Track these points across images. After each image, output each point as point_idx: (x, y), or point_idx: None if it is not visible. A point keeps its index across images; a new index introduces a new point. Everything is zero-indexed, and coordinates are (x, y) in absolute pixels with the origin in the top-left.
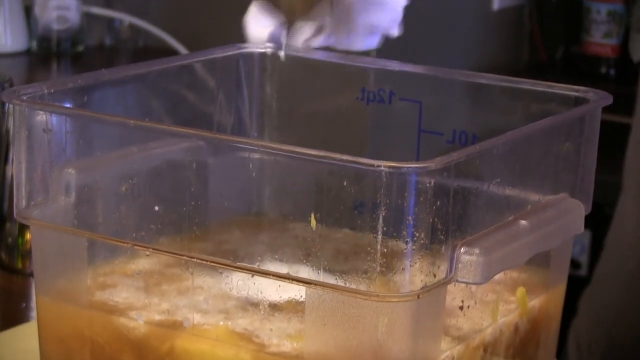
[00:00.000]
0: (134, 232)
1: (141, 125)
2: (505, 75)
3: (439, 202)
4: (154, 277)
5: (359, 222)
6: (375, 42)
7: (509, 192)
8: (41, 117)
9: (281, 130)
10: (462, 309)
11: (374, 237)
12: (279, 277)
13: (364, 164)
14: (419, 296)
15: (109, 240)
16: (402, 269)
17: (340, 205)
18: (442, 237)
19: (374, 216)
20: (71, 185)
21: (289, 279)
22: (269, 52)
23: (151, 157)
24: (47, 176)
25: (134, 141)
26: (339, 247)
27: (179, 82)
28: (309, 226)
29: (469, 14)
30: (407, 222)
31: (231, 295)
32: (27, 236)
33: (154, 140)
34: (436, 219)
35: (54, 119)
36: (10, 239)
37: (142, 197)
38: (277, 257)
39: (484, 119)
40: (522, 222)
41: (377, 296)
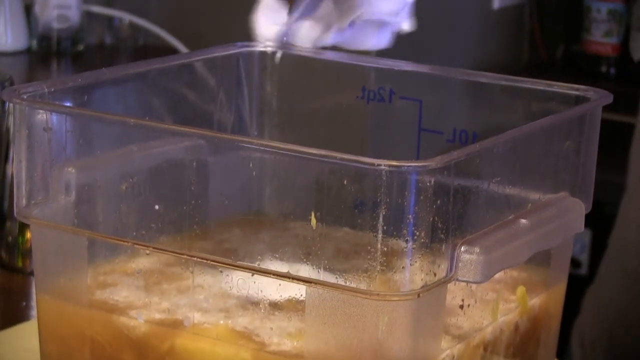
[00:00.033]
0: (134, 231)
1: (141, 124)
2: (505, 74)
3: (439, 201)
4: (154, 276)
5: (359, 221)
6: (386, 40)
7: (509, 191)
8: (41, 116)
9: (281, 129)
10: (462, 307)
11: (374, 236)
12: (279, 276)
13: (364, 162)
14: (419, 295)
15: (109, 239)
16: (403, 267)
17: (340, 204)
18: (443, 236)
19: (374, 215)
20: (71, 184)
21: (289, 278)
22: (269, 50)
23: (151, 156)
24: (47, 175)
25: (134, 140)
26: (339, 246)
27: (179, 81)
28: (309, 225)
29: (470, 12)
30: (408, 220)
31: (231, 294)
32: (28, 235)
33: (154, 139)
34: (436, 218)
35: (54, 117)
36: (10, 238)
37: (143, 196)
38: (278, 256)
39: (484, 117)
40: (523, 221)
41: (378, 295)
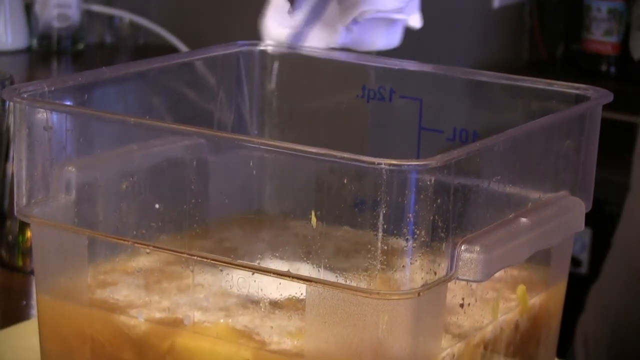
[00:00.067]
0: (134, 230)
1: (141, 123)
2: (505, 72)
3: (439, 200)
4: (155, 275)
5: (359, 219)
6: (397, 39)
7: (509, 189)
8: (42, 114)
9: (281, 128)
10: (462, 306)
11: (375, 235)
12: (280, 275)
13: (364, 161)
14: (419, 294)
15: (109, 238)
16: (403, 266)
17: (340, 203)
18: (443, 235)
19: (375, 214)
20: (72, 183)
21: (290, 277)
22: (269, 49)
23: (151, 154)
24: (47, 174)
25: (135, 139)
26: (339, 245)
27: (179, 79)
28: (310, 224)
29: (470, 11)
30: (408, 219)
31: (232, 292)
32: (28, 234)
33: (155, 138)
34: (437, 217)
35: (55, 116)
36: (10, 237)
37: (143, 194)
38: (278, 254)
39: (484, 116)
40: (523, 219)
41: (378, 294)
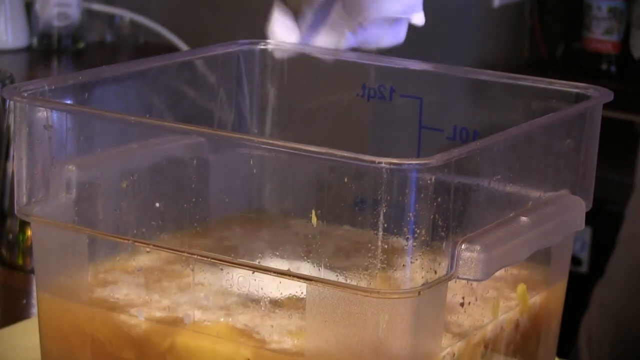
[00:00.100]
0: (134, 229)
1: (142, 121)
2: (506, 72)
3: (439, 199)
4: (155, 274)
5: (359, 218)
6: (402, 36)
7: (509, 188)
8: (42, 113)
9: (282, 126)
10: (462, 305)
11: (375, 234)
12: (280, 274)
13: (364, 160)
14: (419, 293)
15: (109, 237)
16: (403, 265)
17: (341, 202)
18: (443, 234)
19: (375, 213)
20: (72, 181)
21: (290, 276)
22: (269, 48)
23: (152, 153)
24: (47, 173)
25: (135, 138)
26: (339, 244)
27: (179, 78)
28: (310, 223)
29: (470, 10)
30: (408, 218)
31: (232, 291)
32: (28, 233)
33: (155, 136)
34: (437, 216)
35: (55, 115)
36: (11, 236)
37: (143, 193)
38: (278, 253)
39: (484, 115)
40: (523, 218)
41: (378, 293)
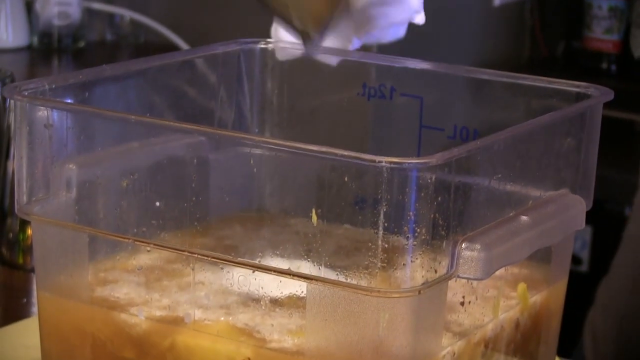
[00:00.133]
0: (135, 228)
1: (142, 120)
2: (506, 70)
3: (440, 198)
4: (155, 273)
5: (360, 217)
6: (402, 32)
7: (510, 187)
8: (42, 112)
9: (282, 126)
10: (463, 304)
11: (375, 233)
12: (280, 273)
13: (365, 159)
14: (420, 292)
15: (110, 235)
16: (403, 264)
17: (341, 201)
18: (443, 233)
19: (375, 212)
20: (72, 180)
21: (290, 275)
22: (270, 47)
23: (152, 152)
24: (48, 172)
25: (135, 137)
26: (340, 243)
27: (180, 77)
28: (310, 222)
29: (470, 9)
30: (408, 217)
31: (232, 290)
32: (28, 232)
33: (155, 135)
34: (437, 215)
35: (55, 114)
36: (11, 235)
37: (143, 192)
38: (278, 252)
39: (485, 114)
40: (523, 217)
41: (378, 292)
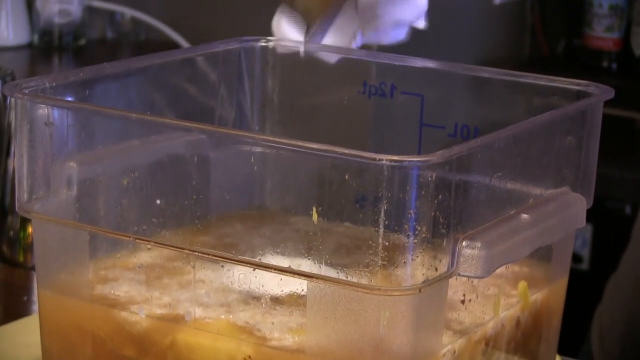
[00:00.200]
0: (135, 226)
1: (143, 118)
2: (506, 68)
3: (440, 196)
4: (156, 271)
5: (360, 215)
6: (403, 34)
7: (510, 185)
8: (43, 110)
9: (283, 123)
10: (463, 302)
11: (376, 231)
12: (281, 271)
13: (365, 157)
14: (420, 290)
15: (110, 233)
16: (404, 262)
17: (342, 199)
18: (444, 231)
19: (376, 210)
20: (73, 178)
21: (291, 273)
22: (271, 45)
23: (153, 150)
24: (48, 170)
25: (136, 135)
26: (340, 241)
27: (180, 75)
28: (311, 220)
29: (471, 7)
30: (409, 215)
31: (233, 288)
32: (29, 230)
33: (156, 133)
34: (438, 213)
35: (56, 112)
36: (12, 233)
37: (144, 190)
38: (279, 250)
39: (485, 112)
40: (524, 216)
41: (379, 290)
